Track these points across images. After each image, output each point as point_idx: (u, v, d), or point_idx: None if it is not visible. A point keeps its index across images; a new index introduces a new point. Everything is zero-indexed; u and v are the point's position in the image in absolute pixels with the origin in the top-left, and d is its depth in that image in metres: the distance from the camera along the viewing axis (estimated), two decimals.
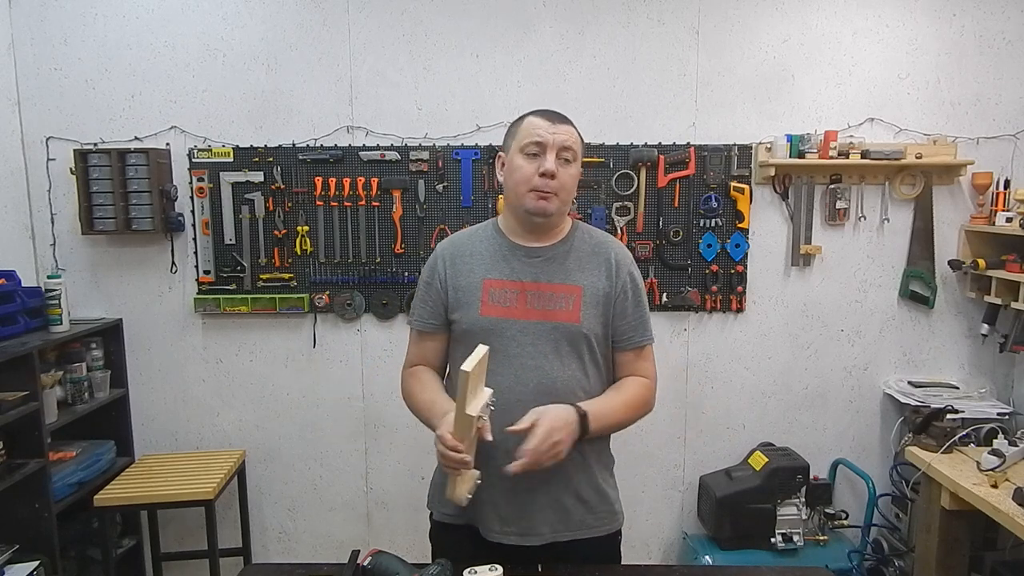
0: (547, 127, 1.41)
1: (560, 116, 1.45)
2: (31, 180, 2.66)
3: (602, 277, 1.48)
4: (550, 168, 1.39)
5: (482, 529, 1.46)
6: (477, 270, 1.47)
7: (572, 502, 1.47)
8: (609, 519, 1.52)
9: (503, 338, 1.42)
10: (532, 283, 1.45)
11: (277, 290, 2.73)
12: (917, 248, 2.74)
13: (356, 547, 1.46)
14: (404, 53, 2.65)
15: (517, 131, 1.45)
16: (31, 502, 2.25)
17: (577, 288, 1.45)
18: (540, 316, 1.43)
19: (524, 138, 1.42)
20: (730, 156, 2.68)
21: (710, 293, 2.75)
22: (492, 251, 1.49)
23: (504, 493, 1.43)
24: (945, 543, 2.38)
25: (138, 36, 2.61)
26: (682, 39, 2.66)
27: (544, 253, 1.47)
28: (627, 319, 1.50)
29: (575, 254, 1.49)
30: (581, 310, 1.44)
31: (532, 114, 1.45)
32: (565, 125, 1.43)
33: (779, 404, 2.85)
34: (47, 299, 2.52)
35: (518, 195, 1.43)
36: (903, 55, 2.67)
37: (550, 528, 1.45)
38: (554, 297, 1.44)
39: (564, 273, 1.46)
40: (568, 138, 1.42)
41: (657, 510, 2.89)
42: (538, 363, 1.42)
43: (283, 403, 2.83)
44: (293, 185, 2.68)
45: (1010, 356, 2.75)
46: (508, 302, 1.43)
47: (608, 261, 1.49)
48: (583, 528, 1.48)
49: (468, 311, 1.45)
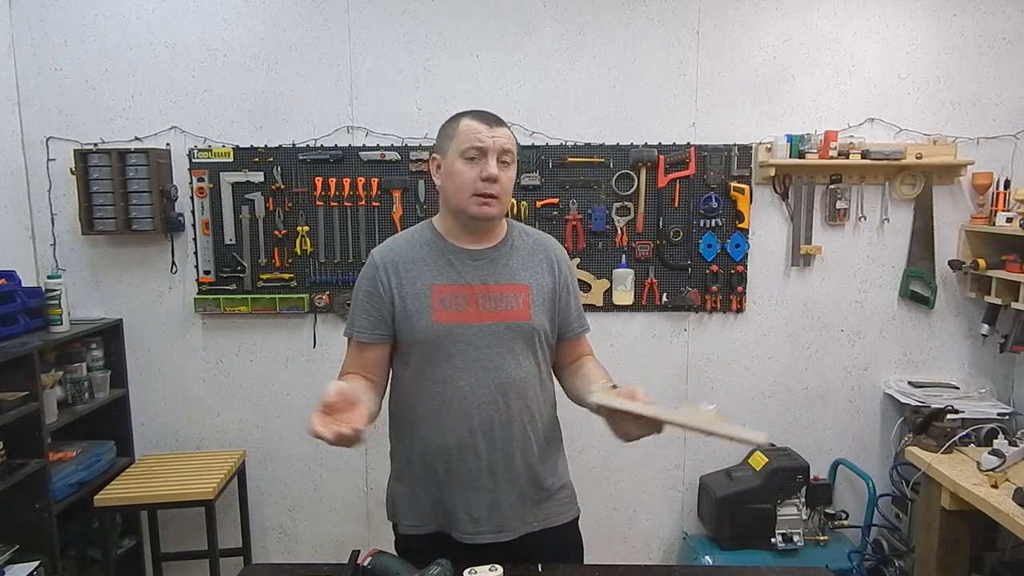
0: (486, 131, 1.40)
1: (496, 118, 1.44)
2: (31, 180, 2.66)
3: (545, 274, 1.51)
4: (493, 172, 1.39)
5: (455, 532, 1.47)
6: (423, 277, 1.45)
7: (539, 493, 1.50)
8: (571, 505, 1.58)
9: (459, 343, 1.42)
10: (481, 285, 1.45)
11: (277, 290, 2.73)
12: (917, 248, 2.74)
13: (356, 547, 1.46)
14: (404, 53, 2.65)
15: (455, 134, 1.43)
16: (31, 502, 2.25)
17: (524, 287, 1.47)
18: (493, 317, 1.44)
19: (463, 142, 1.40)
20: (730, 156, 2.68)
21: (710, 293, 2.75)
22: (435, 256, 1.47)
23: (476, 493, 1.45)
24: (945, 543, 2.38)
25: (138, 36, 2.61)
26: (682, 39, 2.66)
27: (487, 255, 1.48)
28: (571, 312, 1.56)
29: (517, 254, 1.50)
30: (531, 307, 1.46)
31: (467, 116, 1.43)
32: (502, 128, 1.43)
33: (779, 404, 2.85)
34: (47, 299, 2.52)
35: (460, 200, 1.42)
36: (903, 55, 2.67)
37: (521, 521, 1.48)
38: (504, 297, 1.45)
39: (510, 273, 1.48)
40: (507, 141, 1.42)
41: (657, 510, 2.89)
42: (496, 364, 1.43)
43: (283, 403, 2.82)
44: (293, 185, 2.68)
45: (1010, 356, 2.75)
46: (460, 307, 1.43)
47: (549, 258, 1.53)
48: (552, 517, 1.52)
49: (419, 319, 1.42)
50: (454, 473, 1.45)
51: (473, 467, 1.44)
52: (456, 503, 1.46)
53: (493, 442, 1.45)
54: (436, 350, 1.43)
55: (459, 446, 1.44)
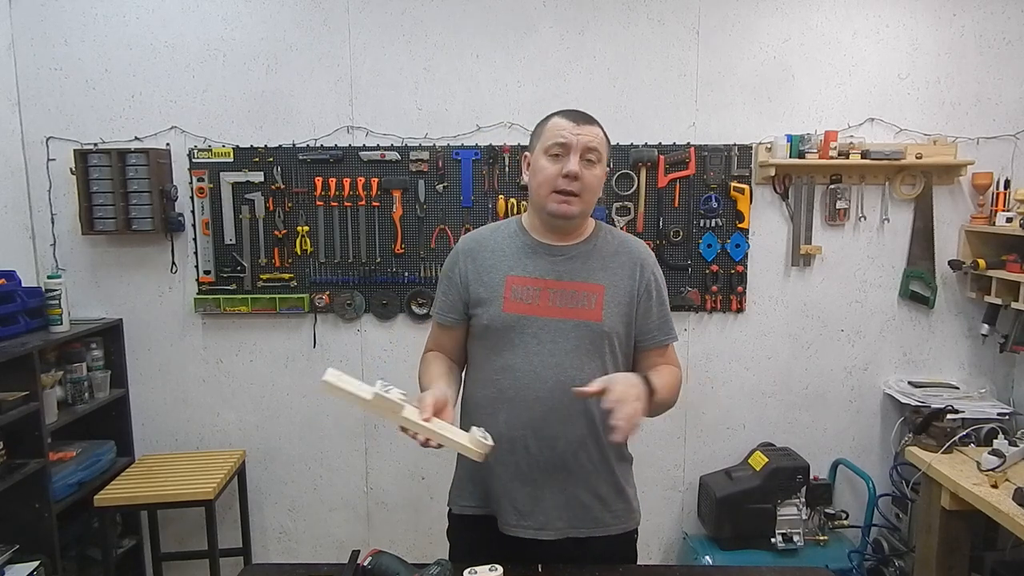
0: (571, 128, 1.40)
1: (585, 116, 1.45)
2: (31, 180, 2.66)
3: (625, 277, 1.48)
4: (573, 169, 1.38)
5: (499, 521, 1.48)
6: (500, 266, 1.48)
7: (589, 498, 1.48)
8: (626, 517, 1.53)
9: (524, 334, 1.43)
10: (555, 281, 1.45)
11: (277, 290, 2.73)
12: (917, 248, 2.74)
13: (356, 547, 1.47)
14: (404, 53, 2.65)
15: (542, 131, 1.45)
16: (31, 502, 2.25)
17: (599, 287, 1.46)
18: (562, 314, 1.43)
19: (548, 139, 1.41)
20: (730, 156, 2.68)
21: (710, 293, 2.75)
22: (515, 248, 1.49)
23: (521, 486, 1.45)
24: (945, 543, 2.38)
25: (138, 36, 2.61)
26: (682, 39, 2.66)
27: (567, 252, 1.48)
28: (651, 318, 1.51)
29: (598, 254, 1.49)
30: (603, 308, 1.44)
31: (557, 114, 1.45)
32: (590, 126, 1.43)
33: (779, 404, 2.85)
34: (47, 299, 2.52)
35: (541, 196, 1.43)
36: (903, 55, 2.67)
37: (566, 523, 1.46)
38: (576, 295, 1.45)
39: (587, 272, 1.47)
40: (593, 139, 1.41)
41: (657, 510, 2.89)
42: (558, 360, 1.42)
43: (283, 403, 2.83)
44: (293, 185, 2.68)
45: (1010, 356, 2.75)
46: (530, 299, 1.43)
47: (632, 261, 1.50)
48: (599, 525, 1.49)
49: (490, 307, 1.45)
50: (503, 463, 1.44)
51: (521, 460, 1.44)
52: (501, 492, 1.46)
53: (544, 439, 1.43)
54: (502, 339, 1.44)
55: (510, 438, 1.43)
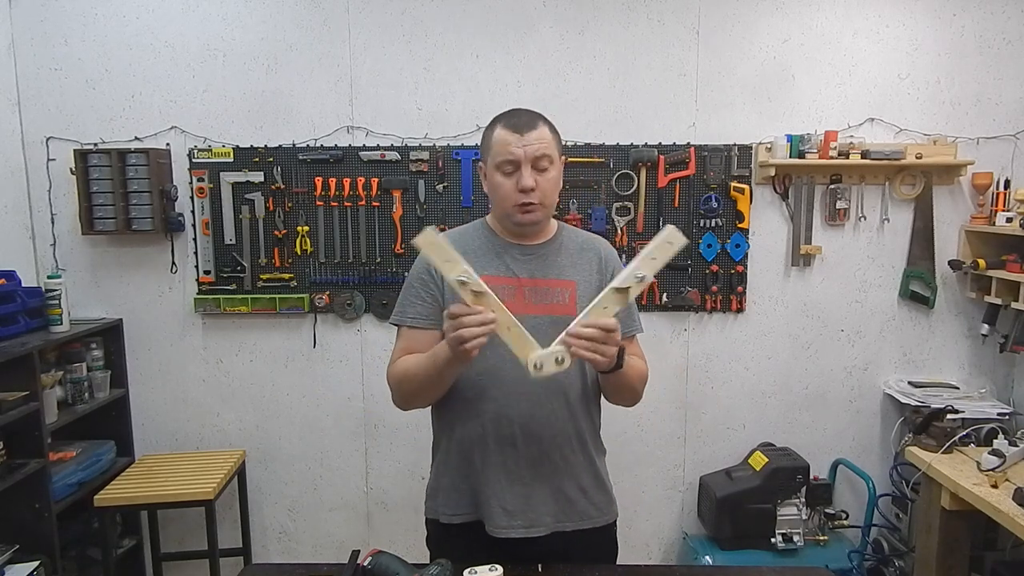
0: (516, 141, 1.39)
1: (528, 121, 1.42)
2: (31, 180, 2.66)
3: (593, 272, 1.52)
4: (528, 184, 1.39)
5: (488, 525, 1.48)
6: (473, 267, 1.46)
7: (574, 491, 1.50)
8: (607, 509, 1.56)
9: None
10: (528, 279, 1.47)
11: (277, 290, 2.73)
12: (917, 248, 2.74)
13: (356, 547, 1.47)
14: (404, 53, 2.65)
15: (490, 145, 1.44)
16: (31, 502, 2.25)
17: (571, 283, 1.49)
18: (538, 310, 1.45)
19: (497, 155, 1.41)
20: (730, 156, 2.68)
21: (710, 293, 2.75)
22: (485, 248, 1.50)
23: (511, 486, 1.45)
24: (945, 543, 2.38)
25: (138, 36, 2.61)
26: (682, 39, 2.66)
27: (536, 251, 1.50)
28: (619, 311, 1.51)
29: (565, 251, 1.52)
30: (577, 303, 1.46)
31: (500, 124, 1.43)
32: (533, 131, 1.41)
33: (779, 404, 2.85)
34: (47, 299, 2.52)
35: (503, 210, 1.45)
36: (903, 55, 2.67)
37: (553, 518, 1.48)
38: (550, 291, 1.47)
39: (557, 269, 1.49)
40: (540, 146, 1.40)
41: (657, 510, 2.89)
42: None
43: (283, 403, 2.83)
44: (293, 185, 2.68)
45: (1010, 356, 2.75)
46: (505, 297, 1.43)
47: (597, 257, 1.54)
48: (585, 519, 1.51)
49: None
50: (490, 463, 1.45)
51: (509, 459, 1.45)
52: (490, 494, 1.46)
53: (530, 435, 1.45)
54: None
55: (496, 436, 1.44)
